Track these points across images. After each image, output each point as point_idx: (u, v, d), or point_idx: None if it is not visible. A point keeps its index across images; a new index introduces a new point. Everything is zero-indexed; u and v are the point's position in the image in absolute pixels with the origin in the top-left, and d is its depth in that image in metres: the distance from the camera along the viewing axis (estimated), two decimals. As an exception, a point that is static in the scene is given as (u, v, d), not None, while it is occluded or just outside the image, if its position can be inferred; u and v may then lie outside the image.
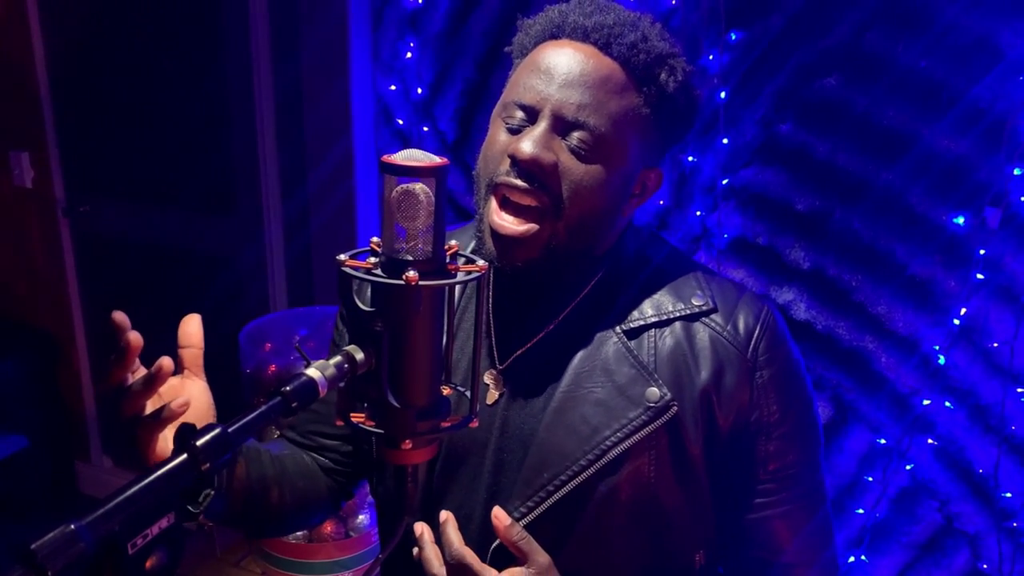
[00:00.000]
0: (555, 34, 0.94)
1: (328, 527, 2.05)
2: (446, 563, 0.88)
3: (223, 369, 2.65)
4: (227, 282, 2.75)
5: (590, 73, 0.90)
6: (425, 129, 2.28)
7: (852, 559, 2.00)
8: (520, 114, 0.92)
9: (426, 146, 2.31)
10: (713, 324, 0.95)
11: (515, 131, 0.92)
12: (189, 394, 0.81)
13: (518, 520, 0.92)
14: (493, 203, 0.92)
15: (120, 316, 0.75)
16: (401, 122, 2.32)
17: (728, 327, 0.95)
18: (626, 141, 0.91)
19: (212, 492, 0.86)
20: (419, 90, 2.26)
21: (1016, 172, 1.68)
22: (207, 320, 0.86)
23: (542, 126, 0.90)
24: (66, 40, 2.86)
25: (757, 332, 0.95)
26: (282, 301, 2.69)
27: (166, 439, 0.79)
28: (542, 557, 0.90)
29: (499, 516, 0.90)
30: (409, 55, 2.24)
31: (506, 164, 0.91)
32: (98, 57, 2.81)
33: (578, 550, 0.93)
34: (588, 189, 0.90)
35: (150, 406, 0.77)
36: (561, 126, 0.90)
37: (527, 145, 0.88)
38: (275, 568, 2.09)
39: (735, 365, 0.94)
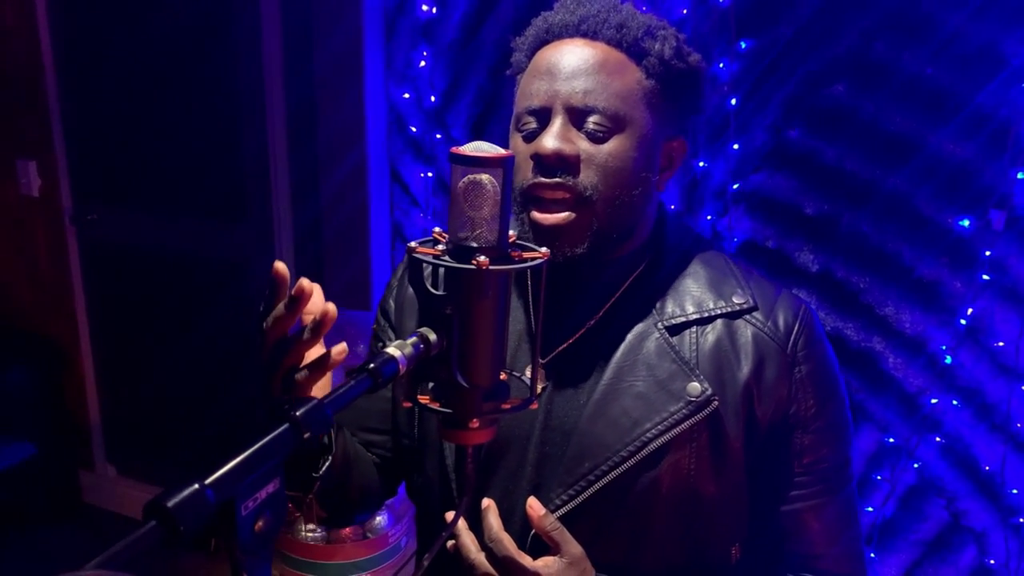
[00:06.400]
0: (546, 39, 0.99)
1: (345, 528, 2.06)
2: (484, 548, 0.90)
3: (237, 375, 2.65)
4: (237, 291, 2.74)
5: (588, 60, 0.94)
6: (438, 136, 2.32)
7: (862, 557, 2.03)
8: (533, 120, 0.95)
9: (438, 153, 2.35)
10: (755, 321, 0.99)
11: (532, 137, 0.95)
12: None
13: (558, 509, 0.94)
14: (531, 209, 0.95)
15: (282, 267, 0.78)
16: (414, 129, 2.35)
17: (769, 323, 0.98)
18: (639, 115, 0.95)
19: (330, 458, 0.88)
20: (432, 98, 2.29)
21: (1020, 176, 1.73)
22: (216, 328, 0.86)
23: (558, 121, 0.93)
24: (75, 49, 2.87)
25: (796, 328, 0.99)
26: (292, 308, 2.70)
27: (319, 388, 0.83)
28: (574, 548, 0.91)
29: (533, 506, 0.92)
30: (423, 64, 2.27)
31: (531, 168, 0.94)
32: (107, 66, 2.81)
33: (616, 541, 0.95)
34: (614, 169, 0.93)
35: (308, 358, 0.80)
36: (574, 116, 0.93)
37: (548, 141, 0.92)
38: (292, 569, 2.10)
39: (775, 359, 0.97)
